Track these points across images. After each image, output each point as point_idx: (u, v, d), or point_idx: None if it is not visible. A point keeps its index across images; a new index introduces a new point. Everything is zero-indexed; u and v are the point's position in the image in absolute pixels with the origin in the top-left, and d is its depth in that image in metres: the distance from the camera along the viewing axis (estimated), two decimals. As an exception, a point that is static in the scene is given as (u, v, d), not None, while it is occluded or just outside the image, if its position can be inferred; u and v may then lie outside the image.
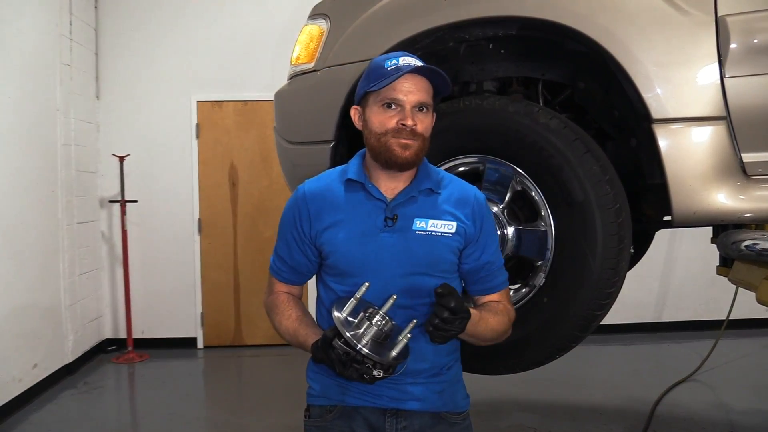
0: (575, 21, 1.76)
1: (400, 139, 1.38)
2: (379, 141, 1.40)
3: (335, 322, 1.31)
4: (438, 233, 1.42)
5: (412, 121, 1.38)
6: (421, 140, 1.40)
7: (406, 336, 1.31)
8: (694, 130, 1.70)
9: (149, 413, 4.16)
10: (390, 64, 1.40)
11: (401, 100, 1.38)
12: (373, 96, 1.42)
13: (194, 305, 5.55)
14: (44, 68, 4.54)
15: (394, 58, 1.42)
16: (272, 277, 1.57)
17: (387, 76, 1.38)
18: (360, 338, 1.28)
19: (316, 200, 1.47)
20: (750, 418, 3.68)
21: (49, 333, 4.51)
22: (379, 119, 1.40)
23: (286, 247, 1.51)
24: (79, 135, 4.99)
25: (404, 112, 1.38)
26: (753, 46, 1.67)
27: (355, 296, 1.33)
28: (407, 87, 1.39)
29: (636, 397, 4.02)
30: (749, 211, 1.71)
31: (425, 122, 1.41)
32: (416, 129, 1.38)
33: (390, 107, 1.39)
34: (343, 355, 1.29)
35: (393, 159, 1.39)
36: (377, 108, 1.41)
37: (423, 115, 1.41)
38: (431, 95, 1.43)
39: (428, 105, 1.41)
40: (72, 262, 4.83)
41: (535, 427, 3.61)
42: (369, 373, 1.28)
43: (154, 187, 5.45)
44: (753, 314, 5.13)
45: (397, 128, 1.38)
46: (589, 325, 1.85)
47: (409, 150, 1.38)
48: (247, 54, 5.46)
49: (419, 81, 1.40)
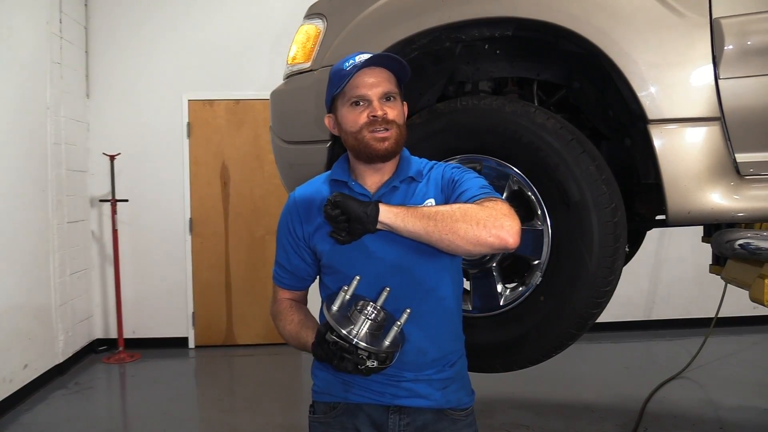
0: (571, 22, 1.77)
1: (375, 133, 1.42)
2: (356, 139, 1.44)
3: (326, 317, 1.33)
4: None
5: (381, 111, 1.41)
6: (396, 128, 1.43)
7: (398, 324, 1.33)
8: (688, 131, 1.72)
9: (141, 413, 4.14)
10: (348, 65, 1.44)
11: (366, 94, 1.43)
12: (339, 99, 1.47)
13: (185, 305, 5.53)
14: (34, 66, 4.51)
15: (351, 59, 1.45)
16: (275, 285, 1.61)
17: (347, 76, 1.42)
18: (352, 330, 1.30)
19: (305, 204, 1.51)
20: (739, 415, 3.73)
21: (40, 333, 4.48)
22: (351, 118, 1.44)
23: (284, 253, 1.55)
24: (69, 134, 4.97)
25: (372, 104, 1.42)
26: (747, 48, 1.69)
27: (343, 289, 1.36)
28: (369, 81, 1.43)
29: (627, 394, 4.06)
30: (742, 211, 1.73)
31: (395, 110, 1.45)
32: (388, 116, 1.42)
33: (358, 104, 1.44)
34: (336, 348, 1.30)
35: (373, 152, 1.43)
36: (346, 109, 1.45)
37: (392, 104, 1.45)
38: (395, 84, 1.47)
39: (394, 93, 1.46)
40: (62, 262, 4.81)
41: (528, 424, 3.63)
42: (363, 363, 1.29)
43: (144, 187, 5.43)
44: (741, 312, 5.23)
45: (369, 121, 1.42)
46: (586, 323, 1.86)
47: (387, 141, 1.42)
48: (239, 53, 5.45)
49: (379, 72, 1.44)
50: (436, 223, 1.29)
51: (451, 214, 1.30)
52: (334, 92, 1.46)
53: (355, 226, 1.30)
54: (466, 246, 1.29)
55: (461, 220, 1.28)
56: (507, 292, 1.96)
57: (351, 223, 1.30)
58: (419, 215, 1.31)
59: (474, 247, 1.30)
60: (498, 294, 1.96)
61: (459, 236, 1.28)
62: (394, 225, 1.31)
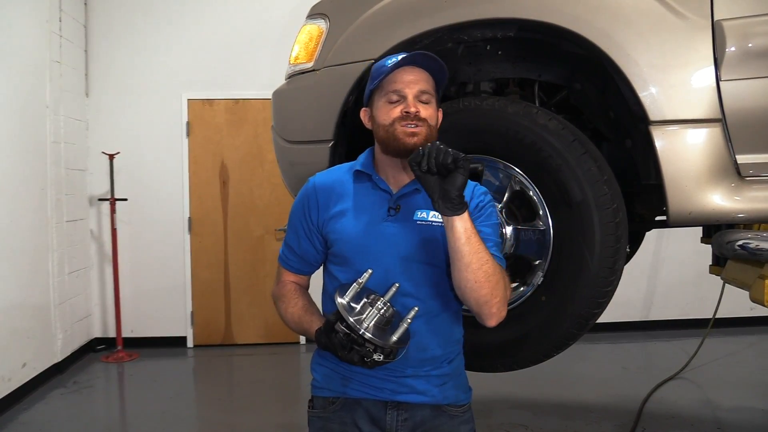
0: (574, 24, 1.78)
1: (406, 128, 1.43)
2: (387, 132, 1.46)
3: (338, 307, 1.34)
4: (438, 223, 1.44)
5: (415, 108, 1.43)
6: (426, 127, 1.44)
7: (407, 321, 1.34)
8: (690, 132, 1.73)
9: (139, 412, 4.14)
10: (390, 62, 1.47)
11: (402, 90, 1.45)
12: (377, 93, 1.49)
13: (184, 304, 5.53)
14: (34, 65, 4.50)
15: (395, 57, 1.48)
16: (281, 266, 1.62)
17: (387, 71, 1.45)
18: (362, 322, 1.32)
19: (325, 191, 1.53)
20: (736, 415, 3.74)
21: (38, 332, 4.47)
22: (385, 111, 1.46)
23: (295, 236, 1.56)
24: (68, 132, 4.96)
25: (407, 100, 1.44)
26: (748, 50, 1.70)
27: (357, 281, 1.38)
28: (407, 78, 1.45)
29: (625, 394, 4.08)
30: (743, 212, 1.75)
31: (429, 110, 1.46)
32: (420, 114, 1.43)
33: (393, 99, 1.46)
34: (344, 338, 1.32)
35: (401, 145, 1.44)
36: (382, 103, 1.47)
37: (426, 104, 1.46)
38: (433, 87, 1.49)
39: (430, 94, 1.47)
40: (61, 261, 4.80)
41: (526, 424, 3.64)
42: (369, 356, 1.31)
43: (144, 186, 5.42)
44: (739, 313, 5.25)
45: (401, 116, 1.43)
46: (587, 323, 1.87)
47: (416, 137, 1.43)
48: (239, 52, 5.45)
49: (419, 72, 1.47)
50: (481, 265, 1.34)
51: (494, 270, 1.36)
52: (372, 86, 1.49)
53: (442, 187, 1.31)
54: (473, 295, 1.36)
55: (494, 280, 1.35)
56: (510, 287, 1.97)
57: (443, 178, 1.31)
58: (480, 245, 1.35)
59: (475, 303, 1.38)
60: (499, 294, 1.96)
61: (481, 285, 1.35)
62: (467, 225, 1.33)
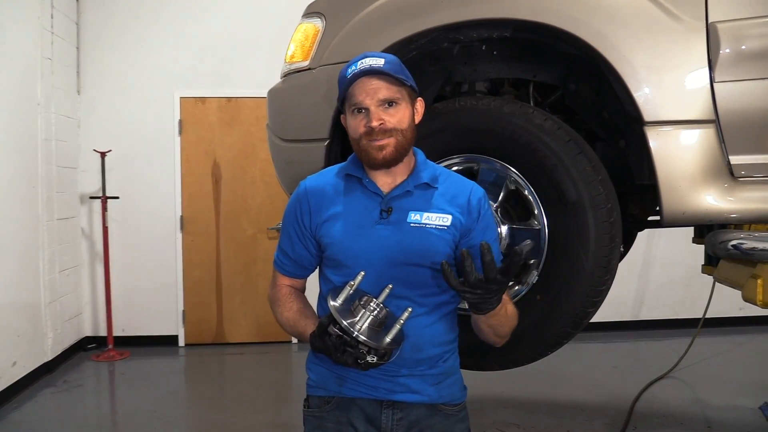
0: (570, 25, 1.79)
1: (373, 142, 1.41)
2: (358, 146, 1.45)
3: (330, 309, 1.34)
4: (432, 226, 1.44)
5: (377, 121, 1.40)
6: (398, 135, 1.42)
7: (400, 322, 1.34)
8: (684, 133, 1.74)
9: (130, 412, 4.12)
10: (350, 71, 1.43)
11: (364, 102, 1.41)
12: (346, 103, 1.47)
13: (176, 303, 5.51)
14: (25, 62, 4.47)
15: (353, 64, 1.43)
16: (276, 271, 1.61)
17: (348, 83, 1.42)
18: (355, 324, 1.31)
19: (316, 195, 1.51)
20: (726, 414, 3.77)
21: (29, 331, 4.45)
22: (353, 125, 1.45)
23: (289, 240, 1.55)
24: (59, 130, 4.93)
25: (369, 113, 1.41)
26: (742, 52, 1.72)
27: (349, 284, 1.37)
28: (367, 87, 1.41)
29: (616, 393, 4.10)
30: (735, 212, 1.76)
31: (396, 116, 1.42)
32: (386, 126, 1.40)
33: (359, 112, 1.43)
34: (337, 340, 1.32)
35: (372, 161, 1.43)
36: (350, 114, 1.46)
37: (393, 110, 1.42)
38: (397, 88, 1.42)
39: (395, 98, 1.42)
40: (52, 259, 4.77)
41: (519, 423, 3.66)
42: (363, 358, 1.31)
43: (135, 184, 5.40)
44: (728, 313, 5.31)
45: (367, 131, 1.41)
46: (581, 322, 1.88)
47: (386, 149, 1.41)
48: (231, 50, 5.44)
49: (377, 79, 1.41)
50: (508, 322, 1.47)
51: (514, 313, 1.49)
52: (339, 97, 1.48)
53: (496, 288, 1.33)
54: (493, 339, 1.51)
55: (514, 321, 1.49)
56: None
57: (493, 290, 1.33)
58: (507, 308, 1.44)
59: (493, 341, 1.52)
60: (494, 293, 1.97)
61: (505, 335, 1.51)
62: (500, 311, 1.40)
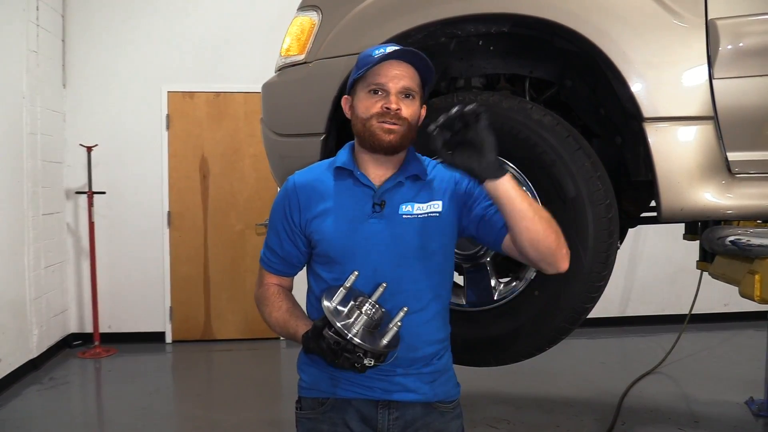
0: (570, 20, 1.79)
1: (383, 124, 1.40)
2: (363, 125, 1.43)
3: (325, 312, 1.32)
4: (424, 215, 1.44)
5: (396, 104, 1.40)
6: (406, 125, 1.42)
7: (397, 324, 1.33)
8: (683, 129, 1.75)
9: (117, 409, 4.08)
10: (377, 52, 1.42)
11: (386, 85, 1.41)
12: (360, 83, 1.45)
13: (163, 299, 5.46)
14: (10, 55, 4.40)
15: (383, 47, 1.44)
16: (263, 269, 1.57)
17: (373, 62, 1.41)
18: (350, 327, 1.29)
19: (305, 190, 1.49)
20: (712, 408, 3.82)
21: (14, 327, 4.38)
22: (365, 104, 1.43)
23: (277, 238, 1.52)
24: (45, 124, 4.86)
25: (389, 97, 1.41)
26: (741, 50, 1.73)
27: (344, 285, 1.35)
28: (393, 73, 1.41)
29: (604, 389, 4.14)
30: (733, 208, 1.77)
31: (411, 108, 1.43)
32: (401, 113, 1.40)
33: (376, 93, 1.42)
34: (333, 344, 1.30)
35: (377, 143, 1.41)
36: (364, 94, 1.44)
37: (409, 101, 1.43)
38: (418, 84, 1.45)
39: (414, 92, 1.44)
40: (37, 255, 4.71)
41: (508, 419, 3.68)
42: (360, 361, 1.29)
43: (122, 179, 5.34)
44: (714, 309, 5.38)
45: (381, 112, 1.40)
46: (579, 317, 1.89)
47: (393, 134, 1.40)
48: (220, 45, 5.39)
49: (405, 68, 1.42)
50: (541, 213, 1.33)
51: (548, 215, 1.36)
52: (356, 75, 1.45)
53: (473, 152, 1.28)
54: (545, 244, 1.34)
55: (553, 223, 1.35)
56: (501, 286, 1.98)
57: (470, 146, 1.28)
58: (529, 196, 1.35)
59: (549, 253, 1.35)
60: (492, 288, 1.97)
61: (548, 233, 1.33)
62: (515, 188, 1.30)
